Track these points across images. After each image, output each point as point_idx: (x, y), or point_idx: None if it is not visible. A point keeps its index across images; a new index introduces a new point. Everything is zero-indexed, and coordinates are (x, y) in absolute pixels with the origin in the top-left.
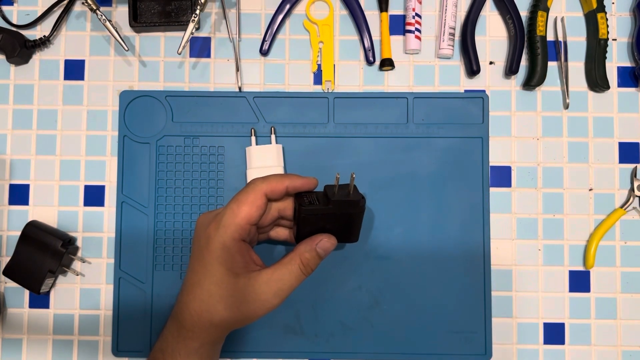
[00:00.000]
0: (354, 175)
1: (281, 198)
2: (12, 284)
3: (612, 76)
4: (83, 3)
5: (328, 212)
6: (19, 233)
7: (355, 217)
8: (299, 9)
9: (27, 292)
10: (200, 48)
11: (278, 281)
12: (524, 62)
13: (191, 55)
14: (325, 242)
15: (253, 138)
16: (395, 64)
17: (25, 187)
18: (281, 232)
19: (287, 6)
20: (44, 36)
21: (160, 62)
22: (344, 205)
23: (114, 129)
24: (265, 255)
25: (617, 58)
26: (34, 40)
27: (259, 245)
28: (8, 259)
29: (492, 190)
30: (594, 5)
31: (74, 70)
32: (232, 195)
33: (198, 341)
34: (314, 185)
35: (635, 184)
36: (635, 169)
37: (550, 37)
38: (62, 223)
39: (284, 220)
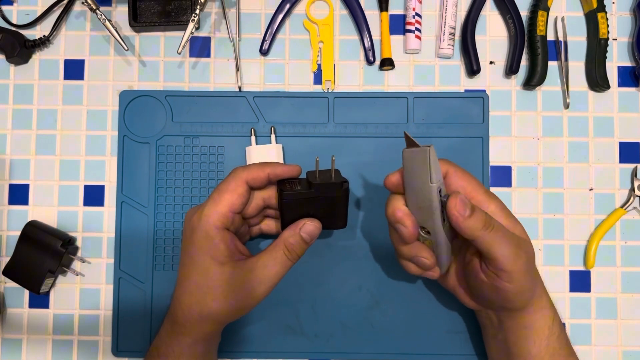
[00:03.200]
0: (333, 158)
1: (264, 186)
2: (12, 284)
3: (613, 76)
4: (83, 3)
5: (310, 197)
6: (18, 233)
7: (339, 201)
8: (299, 9)
9: (27, 292)
10: (200, 48)
11: (263, 268)
12: (524, 62)
13: (191, 55)
14: (308, 225)
15: (253, 138)
16: (395, 63)
17: (25, 187)
18: (272, 225)
19: (287, 6)
20: (44, 36)
21: (160, 61)
22: (326, 189)
23: (113, 129)
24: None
25: (617, 58)
26: (34, 40)
27: (254, 242)
28: (8, 259)
29: (492, 190)
30: (594, 5)
31: (74, 70)
32: None
33: (190, 337)
34: (296, 172)
35: (636, 184)
36: (635, 169)
37: (550, 36)
38: (62, 223)
39: (270, 209)
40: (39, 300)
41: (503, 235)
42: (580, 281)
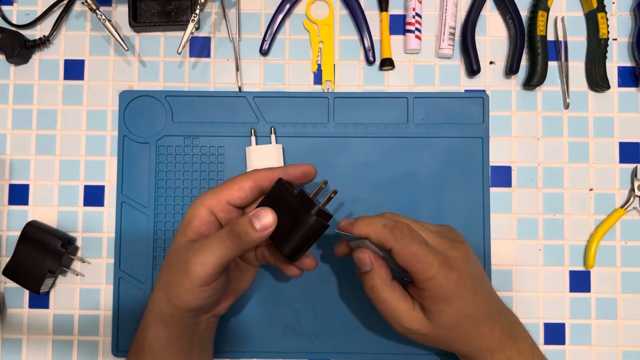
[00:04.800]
0: (332, 196)
1: None
2: (12, 284)
3: (613, 76)
4: (83, 3)
5: (288, 200)
6: (18, 233)
7: (305, 228)
8: (299, 9)
9: (27, 292)
10: (200, 48)
11: (203, 245)
12: (524, 62)
13: (191, 55)
14: (260, 210)
15: (253, 138)
16: (395, 63)
17: (25, 187)
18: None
19: (287, 6)
20: (44, 36)
21: (160, 62)
22: (304, 205)
23: (113, 129)
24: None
25: (617, 58)
26: (34, 40)
27: None
28: (8, 259)
29: (492, 190)
30: (594, 5)
31: (74, 70)
32: None
33: (151, 316)
34: (307, 170)
35: (636, 184)
36: (635, 169)
37: (550, 36)
38: (62, 223)
39: None
40: (39, 300)
41: (385, 308)
42: (580, 281)
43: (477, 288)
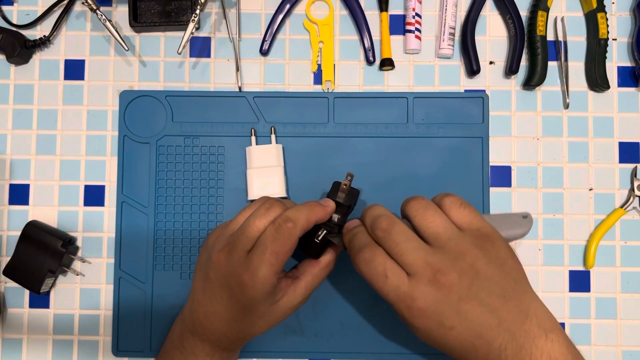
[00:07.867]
0: (350, 178)
1: None
2: (12, 284)
3: (612, 76)
4: (83, 3)
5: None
6: (19, 233)
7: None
8: (299, 9)
9: (27, 292)
10: (200, 48)
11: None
12: (524, 62)
13: (191, 55)
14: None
15: (253, 138)
16: (395, 63)
17: (25, 187)
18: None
19: (287, 6)
20: (44, 36)
21: (160, 62)
22: (351, 198)
23: (114, 129)
24: None
25: (617, 58)
26: (34, 40)
27: None
28: (8, 259)
29: (492, 190)
30: (594, 5)
31: (74, 70)
32: (232, 195)
33: (209, 342)
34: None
35: (635, 184)
36: (635, 169)
37: (550, 36)
38: (62, 223)
39: None
40: (39, 300)
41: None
42: (579, 281)
43: (453, 322)
